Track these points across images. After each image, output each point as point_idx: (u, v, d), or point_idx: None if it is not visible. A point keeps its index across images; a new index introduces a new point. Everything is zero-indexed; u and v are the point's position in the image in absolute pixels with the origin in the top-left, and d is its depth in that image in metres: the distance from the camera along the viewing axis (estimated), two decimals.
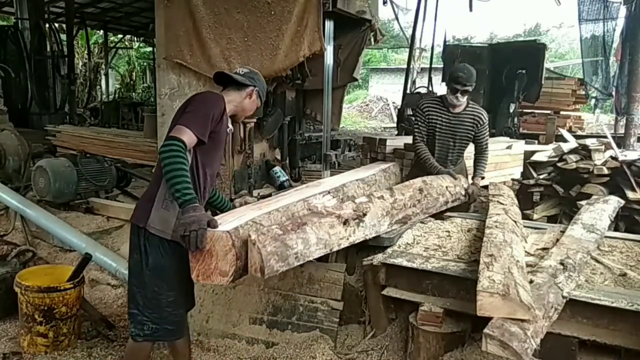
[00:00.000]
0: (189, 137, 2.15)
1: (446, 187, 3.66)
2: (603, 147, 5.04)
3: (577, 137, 6.57)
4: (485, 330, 1.98)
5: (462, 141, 3.85)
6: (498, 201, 3.52)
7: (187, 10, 3.84)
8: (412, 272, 2.78)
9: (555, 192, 5.07)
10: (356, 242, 2.73)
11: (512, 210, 3.36)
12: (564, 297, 2.29)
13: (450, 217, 3.66)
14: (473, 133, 3.79)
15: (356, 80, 5.74)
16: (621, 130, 7.63)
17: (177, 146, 2.08)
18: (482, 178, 3.87)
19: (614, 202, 3.98)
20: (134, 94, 17.93)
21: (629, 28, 8.25)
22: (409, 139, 4.44)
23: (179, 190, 2.03)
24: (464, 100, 3.72)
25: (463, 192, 3.79)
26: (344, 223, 2.59)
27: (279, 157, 4.58)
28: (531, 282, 2.32)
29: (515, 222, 3.10)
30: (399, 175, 4.24)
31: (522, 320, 2.02)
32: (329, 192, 3.03)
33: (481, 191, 3.85)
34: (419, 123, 3.85)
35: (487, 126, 3.84)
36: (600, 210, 3.60)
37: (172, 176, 2.04)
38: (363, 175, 3.61)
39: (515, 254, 2.51)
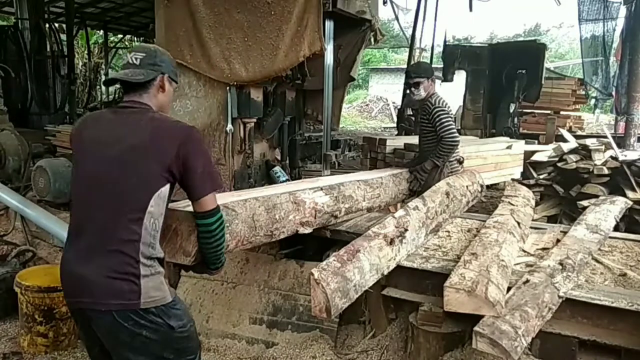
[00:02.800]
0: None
1: (466, 186, 3.66)
2: (603, 147, 5.04)
3: (577, 137, 6.58)
4: (476, 328, 1.99)
5: (422, 132, 3.94)
6: (509, 202, 3.52)
7: (187, 10, 3.84)
8: (412, 272, 2.77)
9: (555, 192, 5.07)
10: (400, 261, 2.70)
11: (521, 211, 3.36)
12: (560, 297, 2.30)
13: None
14: (428, 122, 3.81)
15: (353, 79, 5.73)
16: (621, 130, 7.63)
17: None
18: (435, 164, 3.74)
19: (621, 203, 3.97)
20: None
21: (629, 28, 8.25)
22: (409, 139, 4.44)
23: (220, 259, 2.02)
24: (419, 92, 3.80)
25: (479, 189, 3.82)
26: (390, 243, 2.57)
27: (279, 157, 4.58)
28: (527, 281, 2.33)
29: (518, 223, 3.10)
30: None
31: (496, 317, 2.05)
32: (321, 189, 3.00)
33: (423, 174, 3.82)
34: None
35: (438, 112, 3.71)
36: (606, 211, 3.59)
37: (222, 247, 1.97)
38: (367, 177, 3.59)
39: (502, 254, 2.52)
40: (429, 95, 3.82)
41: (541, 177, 5.11)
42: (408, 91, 3.88)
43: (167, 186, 1.78)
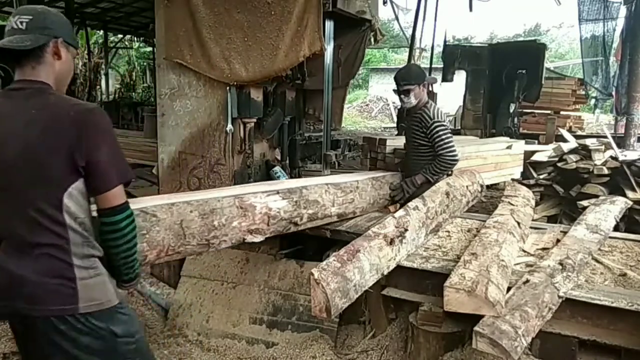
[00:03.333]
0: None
1: (466, 186, 3.65)
2: (603, 147, 5.04)
3: (577, 137, 6.57)
4: (476, 328, 2.00)
5: (414, 142, 3.66)
6: (509, 202, 3.52)
7: (187, 10, 3.84)
8: (412, 272, 2.77)
9: (555, 192, 5.07)
10: (400, 261, 2.67)
11: (521, 211, 3.35)
12: (560, 297, 2.30)
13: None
14: (423, 135, 3.55)
15: (352, 77, 5.72)
16: (621, 130, 7.63)
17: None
18: (427, 180, 3.51)
19: (621, 203, 3.97)
20: (134, 94, 17.92)
21: (629, 28, 8.25)
22: None
23: (133, 268, 1.75)
24: (409, 100, 3.54)
25: (479, 189, 3.77)
26: (390, 243, 2.54)
27: (279, 157, 4.58)
28: (527, 281, 2.34)
29: (518, 223, 3.10)
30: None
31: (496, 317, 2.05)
32: (277, 192, 2.78)
33: (411, 188, 3.56)
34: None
35: (438, 128, 3.46)
36: (606, 211, 3.59)
37: (134, 252, 1.72)
38: (341, 180, 3.37)
39: (502, 254, 2.52)
40: (422, 103, 3.57)
41: (541, 177, 5.11)
42: (398, 99, 3.55)
43: (79, 181, 1.57)
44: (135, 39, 17.74)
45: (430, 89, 3.79)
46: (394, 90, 3.61)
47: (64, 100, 1.62)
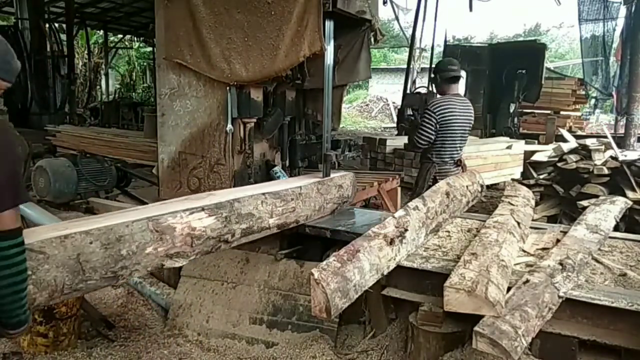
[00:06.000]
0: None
1: (466, 186, 3.65)
2: (603, 147, 5.04)
3: (577, 137, 6.58)
4: (476, 328, 2.00)
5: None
6: (509, 202, 3.52)
7: (187, 10, 3.84)
8: (412, 272, 2.77)
9: (555, 192, 5.07)
10: (400, 261, 2.67)
11: (521, 211, 3.35)
12: (560, 297, 2.30)
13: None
14: None
15: (370, 77, 5.71)
16: (621, 130, 7.64)
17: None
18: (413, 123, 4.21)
19: (621, 203, 3.97)
20: (134, 94, 17.94)
21: (629, 28, 8.26)
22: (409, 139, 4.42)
23: (23, 308, 1.59)
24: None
25: (479, 189, 3.86)
26: (390, 243, 2.53)
27: (279, 157, 4.58)
28: (527, 281, 2.34)
29: (518, 223, 3.10)
30: (349, 187, 3.82)
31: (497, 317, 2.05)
32: (202, 209, 2.50)
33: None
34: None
35: (425, 111, 3.96)
36: (606, 211, 3.59)
37: (24, 287, 1.58)
38: (281, 187, 3.17)
39: (502, 254, 2.52)
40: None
41: (541, 177, 5.12)
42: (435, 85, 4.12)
43: None
44: (135, 39, 17.76)
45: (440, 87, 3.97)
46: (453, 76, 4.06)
47: None
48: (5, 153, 1.52)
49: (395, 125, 11.94)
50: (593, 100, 12.30)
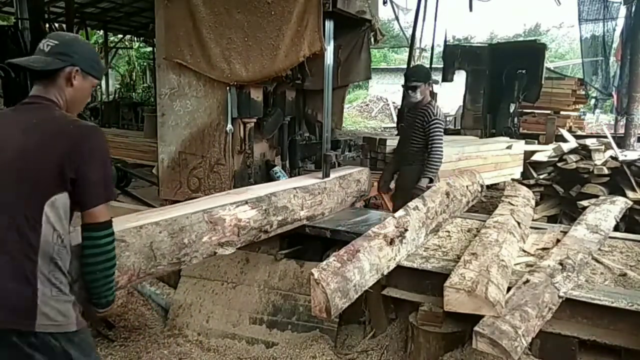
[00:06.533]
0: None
1: (466, 186, 3.66)
2: (603, 147, 5.04)
3: (577, 137, 6.58)
4: (476, 328, 2.00)
5: (413, 134, 3.97)
6: (509, 202, 3.53)
7: (187, 10, 3.84)
8: (412, 272, 2.77)
9: (555, 192, 5.08)
10: (400, 261, 2.68)
11: (521, 211, 3.35)
12: (560, 297, 2.30)
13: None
14: (423, 128, 3.88)
15: (370, 78, 5.72)
16: (621, 130, 7.64)
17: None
18: (430, 181, 3.73)
19: (621, 203, 3.97)
20: (134, 94, 17.94)
21: (629, 28, 8.26)
22: None
23: (111, 290, 1.76)
24: (415, 96, 3.92)
25: (479, 189, 3.86)
26: (390, 243, 2.55)
27: (279, 158, 4.58)
28: (527, 281, 2.34)
29: (518, 223, 3.10)
30: (365, 182, 4.07)
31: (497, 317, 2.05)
32: (246, 202, 2.72)
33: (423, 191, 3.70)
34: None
35: (435, 125, 3.81)
36: (606, 211, 3.59)
37: (113, 272, 1.74)
38: (308, 183, 3.39)
39: (502, 254, 2.52)
40: (425, 100, 3.94)
41: (541, 177, 5.12)
42: (405, 93, 4.01)
43: (64, 195, 1.59)
44: (135, 39, 17.76)
45: (431, 89, 3.95)
46: (402, 85, 4.07)
47: (67, 117, 1.69)
48: (102, 153, 1.67)
49: (395, 125, 11.94)
50: (593, 100, 12.30)
